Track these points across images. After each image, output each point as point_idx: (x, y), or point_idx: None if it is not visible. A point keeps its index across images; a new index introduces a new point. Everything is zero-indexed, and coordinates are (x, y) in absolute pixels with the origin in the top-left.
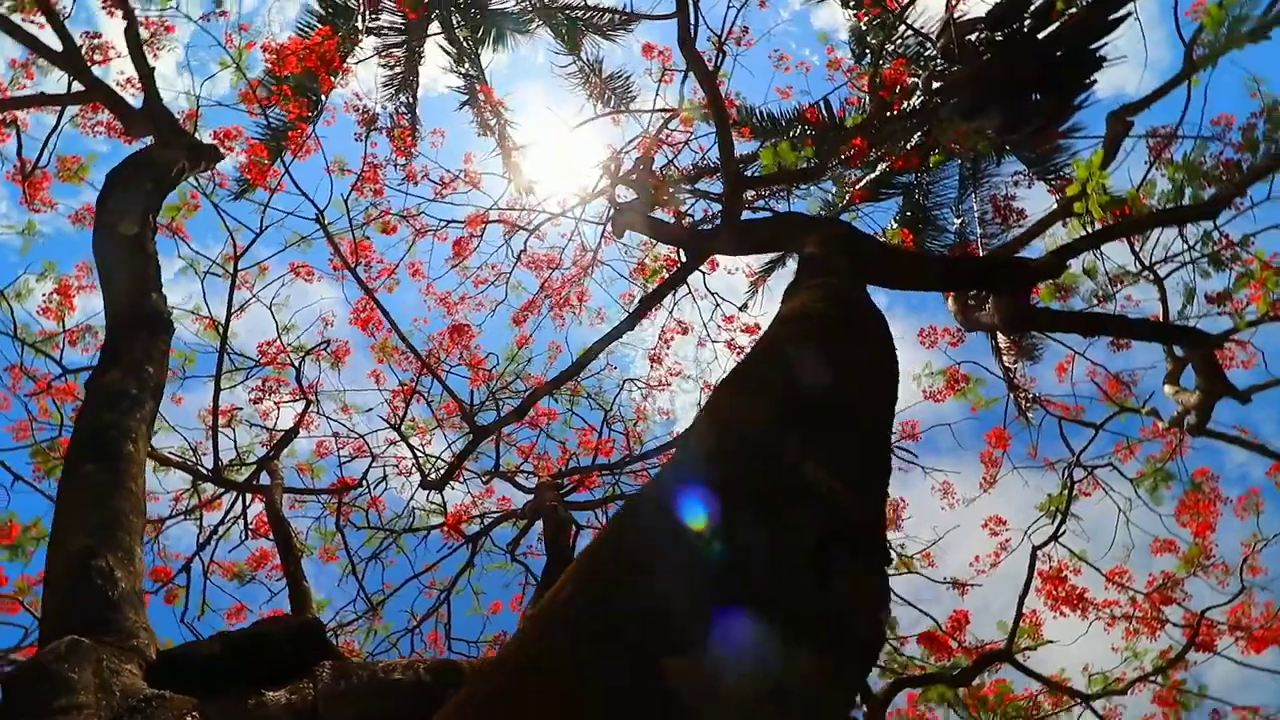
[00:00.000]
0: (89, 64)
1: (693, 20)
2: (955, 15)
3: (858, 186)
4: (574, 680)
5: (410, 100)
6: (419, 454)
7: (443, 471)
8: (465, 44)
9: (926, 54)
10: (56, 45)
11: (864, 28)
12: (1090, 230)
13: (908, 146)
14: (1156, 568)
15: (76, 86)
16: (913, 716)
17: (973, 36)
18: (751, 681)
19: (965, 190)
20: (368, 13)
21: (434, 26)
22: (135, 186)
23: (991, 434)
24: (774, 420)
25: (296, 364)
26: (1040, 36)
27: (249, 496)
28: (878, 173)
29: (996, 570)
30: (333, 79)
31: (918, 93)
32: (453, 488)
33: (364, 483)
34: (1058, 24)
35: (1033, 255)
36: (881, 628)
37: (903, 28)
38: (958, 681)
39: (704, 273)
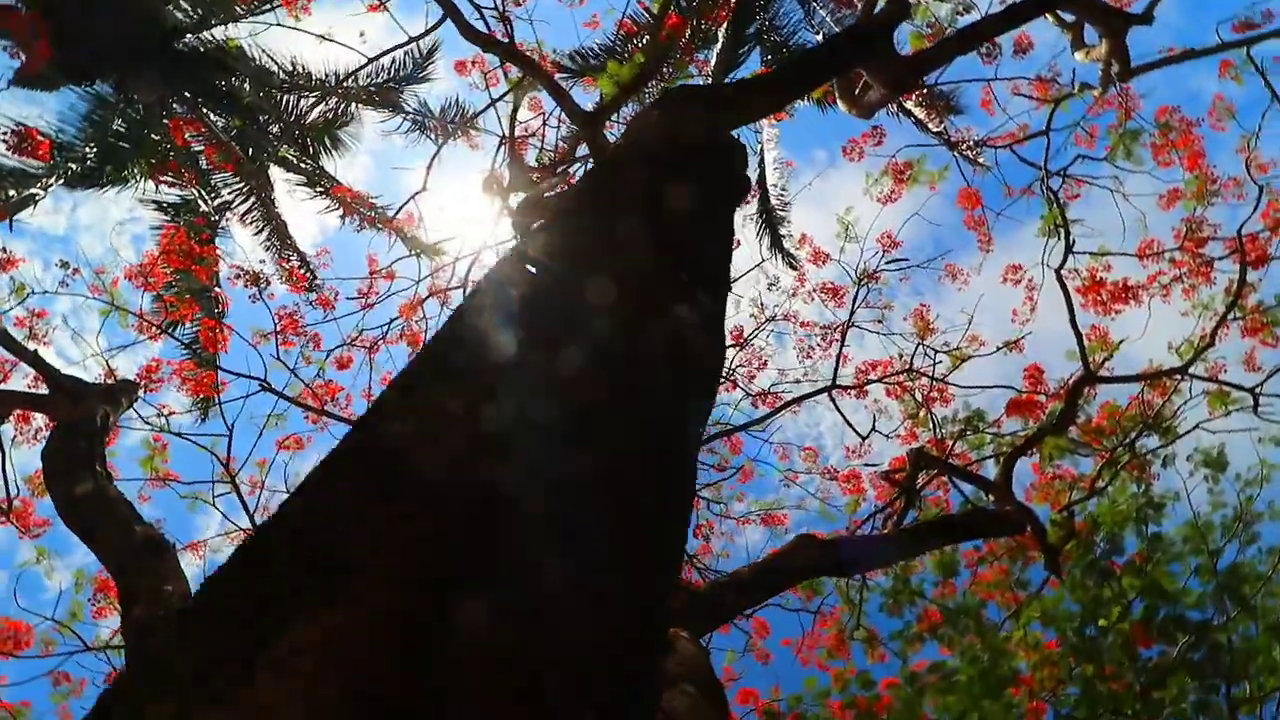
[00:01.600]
0: None
1: (468, 10)
2: None
3: (711, 63)
4: None
5: (288, 241)
6: None
7: None
8: (305, 166)
9: None
10: None
11: None
12: None
13: None
14: (1175, 220)
15: None
16: (1046, 482)
17: None
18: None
19: (808, 4)
20: (200, 192)
21: (274, 170)
22: (69, 452)
23: (960, 197)
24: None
25: None
26: None
27: None
28: (720, 40)
29: (1037, 314)
30: (205, 266)
31: None
32: None
33: None
34: None
35: None
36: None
37: None
38: (1060, 426)
39: None
